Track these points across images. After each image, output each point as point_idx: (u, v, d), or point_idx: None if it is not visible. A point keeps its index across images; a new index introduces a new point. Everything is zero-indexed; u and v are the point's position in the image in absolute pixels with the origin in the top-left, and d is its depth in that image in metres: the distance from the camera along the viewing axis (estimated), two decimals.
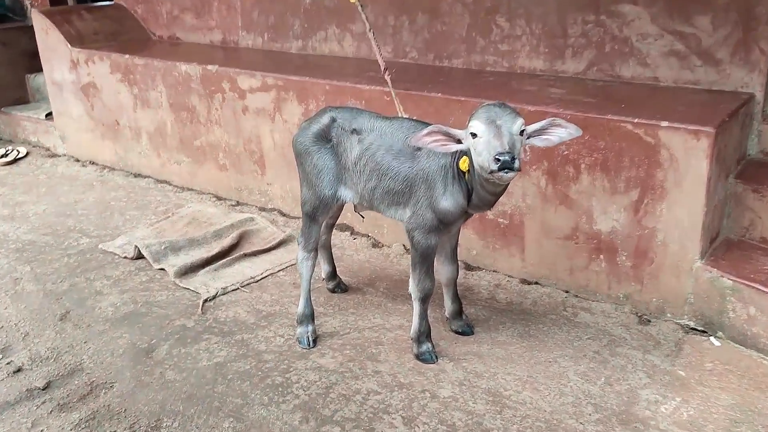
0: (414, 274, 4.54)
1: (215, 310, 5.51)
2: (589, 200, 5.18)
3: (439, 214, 4.27)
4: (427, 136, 3.93)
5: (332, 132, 4.65)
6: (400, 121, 4.51)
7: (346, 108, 4.77)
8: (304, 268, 5.02)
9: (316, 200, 4.75)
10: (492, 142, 3.69)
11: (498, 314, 5.28)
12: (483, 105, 3.93)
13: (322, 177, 4.68)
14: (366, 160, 4.49)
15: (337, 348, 4.93)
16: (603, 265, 5.27)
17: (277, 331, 5.17)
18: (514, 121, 3.78)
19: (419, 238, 4.38)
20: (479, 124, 3.79)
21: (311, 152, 4.70)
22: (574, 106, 5.22)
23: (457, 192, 4.22)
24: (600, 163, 5.05)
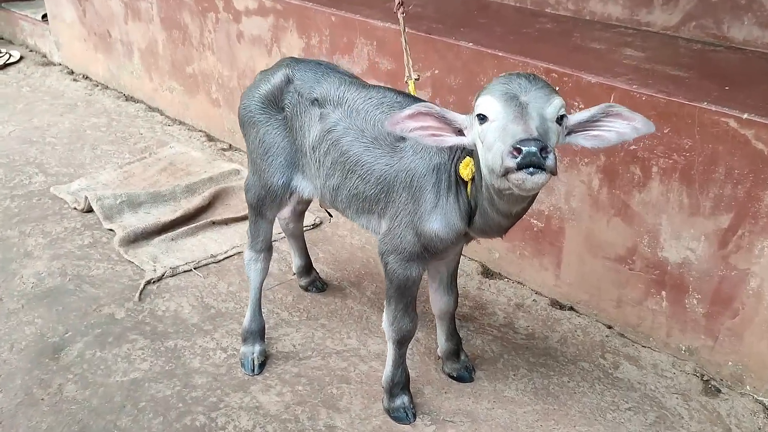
0: (388, 309, 3.24)
1: (156, 299, 4.35)
2: (658, 217, 3.71)
3: (423, 237, 2.92)
4: (410, 119, 2.54)
5: (286, 98, 3.29)
6: (382, 93, 3.10)
7: (311, 63, 3.36)
8: (251, 272, 3.77)
9: (261, 190, 3.45)
10: (510, 126, 2.31)
11: (512, 352, 3.95)
12: (501, 75, 2.51)
13: (270, 160, 3.35)
14: (327, 146, 3.13)
15: (289, 380, 3.72)
16: (664, 304, 3.84)
17: (220, 341, 3.99)
18: (548, 100, 2.39)
19: (395, 266, 3.06)
20: (492, 100, 2.40)
21: (257, 123, 3.36)
22: (654, 80, 3.67)
23: (453, 209, 2.84)
24: (681, 169, 3.54)
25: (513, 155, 2.19)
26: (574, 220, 4.09)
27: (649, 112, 3.55)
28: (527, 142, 2.18)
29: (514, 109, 2.34)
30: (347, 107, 3.08)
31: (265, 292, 4.41)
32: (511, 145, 2.20)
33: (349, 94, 3.10)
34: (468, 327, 4.14)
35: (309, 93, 3.20)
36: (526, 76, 2.46)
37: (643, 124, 2.54)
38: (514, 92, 2.38)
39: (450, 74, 4.36)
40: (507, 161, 2.21)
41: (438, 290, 3.51)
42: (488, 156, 2.38)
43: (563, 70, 3.84)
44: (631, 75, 3.76)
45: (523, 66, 3.99)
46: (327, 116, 3.12)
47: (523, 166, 2.19)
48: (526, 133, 2.24)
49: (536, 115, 2.33)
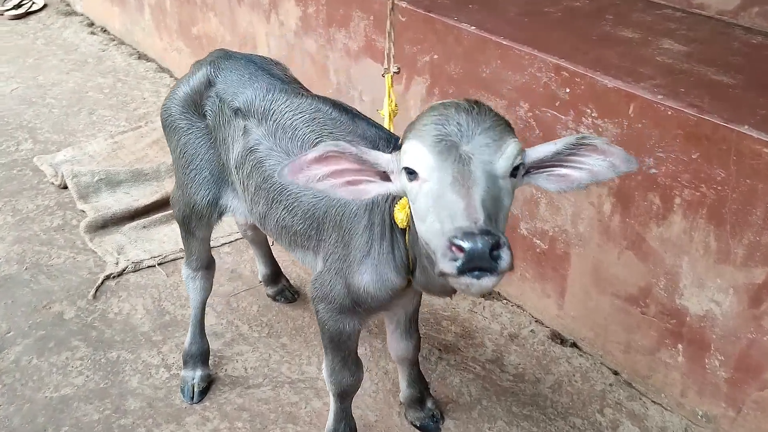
0: (326, 359, 2.72)
1: (111, 297, 3.96)
2: (678, 258, 3.01)
3: (352, 291, 2.35)
4: (317, 164, 1.92)
5: (206, 103, 2.73)
6: (315, 107, 2.50)
7: (240, 62, 2.77)
8: (189, 290, 3.31)
9: (185, 207, 2.93)
10: (448, 198, 1.69)
11: (493, 397, 3.38)
12: (436, 105, 1.88)
13: (193, 174, 2.82)
14: (250, 168, 2.57)
15: (229, 414, 3.27)
16: (680, 359, 3.17)
17: (166, 357, 3.57)
18: (498, 148, 1.77)
19: (325, 317, 2.52)
20: (423, 150, 1.79)
21: (177, 130, 2.82)
22: (688, 88, 2.93)
23: (386, 260, 2.27)
24: (709, 204, 2.82)
25: (452, 255, 1.58)
26: (580, 247, 3.42)
27: (674, 131, 2.83)
28: (471, 238, 1.56)
29: (453, 168, 1.73)
30: (273, 123, 2.50)
31: (228, 298, 3.96)
32: (449, 239, 1.58)
33: (276, 106, 2.51)
34: (448, 360, 3.58)
35: (231, 100, 2.63)
36: (468, 108, 1.81)
37: (622, 160, 1.91)
38: (452, 139, 1.76)
39: (450, 61, 3.69)
40: (443, 264, 1.60)
41: (394, 334, 2.95)
42: (422, 227, 1.79)
43: (576, 68, 3.12)
44: (660, 79, 3.02)
45: (529, 60, 3.28)
46: (250, 132, 2.55)
47: (465, 271, 1.58)
48: (470, 219, 1.62)
49: (483, 177, 1.72)
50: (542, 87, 3.28)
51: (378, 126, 2.46)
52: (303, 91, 2.65)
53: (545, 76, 3.25)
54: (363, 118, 2.48)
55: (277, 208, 2.51)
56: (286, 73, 2.77)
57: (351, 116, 2.46)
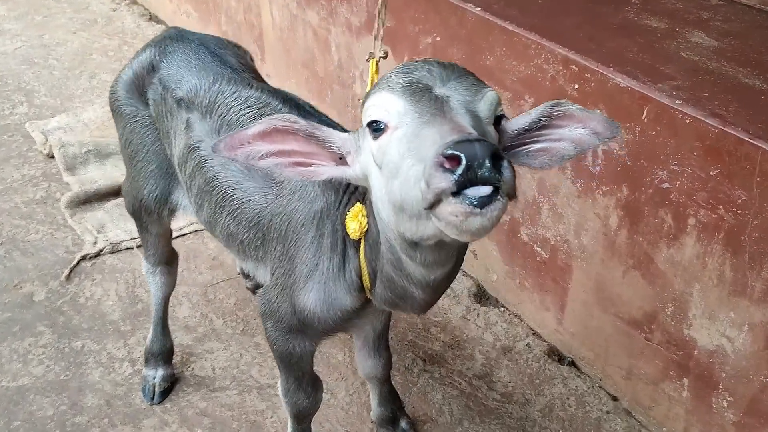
0: (281, 378, 2.47)
1: (85, 280, 3.75)
2: (689, 284, 2.67)
3: (298, 312, 2.08)
4: (261, 139, 1.65)
5: (149, 90, 2.44)
6: (264, 100, 2.22)
7: (190, 44, 2.48)
8: (151, 286, 3.07)
9: (134, 200, 2.68)
10: (427, 130, 1.44)
11: (476, 419, 3.10)
12: (400, 65, 1.62)
13: (139, 166, 2.56)
14: (192, 168, 2.29)
15: (190, 418, 3.05)
16: (685, 394, 2.85)
17: (132, 350, 3.36)
18: (477, 91, 1.56)
19: (273, 336, 2.26)
20: (391, 97, 1.54)
21: (123, 116, 2.56)
22: (712, 92, 2.55)
23: (336, 278, 1.99)
24: (727, 229, 2.47)
25: (445, 168, 1.28)
26: (583, 260, 3.08)
27: (692, 143, 2.47)
28: (465, 145, 1.27)
29: (429, 105, 1.48)
30: (217, 117, 2.20)
31: (206, 288, 3.73)
32: (439, 152, 1.29)
33: (222, 98, 2.22)
34: (432, 372, 3.29)
35: (175, 89, 2.34)
36: (439, 62, 1.58)
37: (603, 126, 1.69)
38: (424, 82, 1.52)
39: (453, 44, 3.33)
40: (436, 180, 1.29)
41: (362, 350, 2.68)
42: (394, 185, 1.48)
43: (586, 62, 2.75)
44: (682, 80, 2.63)
45: (536, 50, 2.91)
46: (192, 126, 2.26)
47: (464, 186, 1.28)
48: (460, 131, 1.35)
49: (466, 114, 1.47)
50: (549, 81, 2.92)
51: (331, 123, 2.17)
52: (255, 82, 2.34)
53: (552, 69, 2.88)
54: (314, 115, 2.19)
55: (221, 214, 2.23)
56: (241, 60, 2.46)
57: (301, 113, 2.17)
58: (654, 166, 2.61)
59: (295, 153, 1.67)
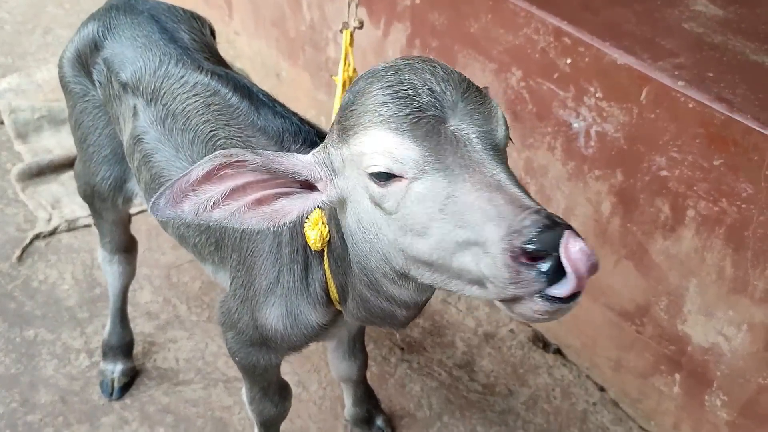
0: (245, 385, 2.27)
1: (38, 261, 3.49)
2: (685, 279, 2.48)
3: (260, 327, 1.87)
4: (209, 183, 1.39)
5: (94, 70, 2.16)
6: (213, 87, 1.98)
7: (140, 16, 2.19)
8: (107, 276, 2.84)
9: (86, 185, 2.44)
10: (471, 196, 1.25)
11: (456, 413, 2.94)
12: (378, 71, 1.39)
13: (90, 150, 2.31)
14: (139, 161, 2.05)
15: (151, 416, 2.87)
16: (676, 390, 2.70)
17: (90, 340, 3.15)
18: (490, 113, 1.37)
19: (234, 348, 2.06)
20: (396, 139, 1.31)
21: (72, 95, 2.31)
22: (718, 72, 2.32)
23: (299, 292, 1.79)
24: (729, 224, 2.27)
25: (522, 263, 1.15)
26: None
27: (695, 129, 2.24)
28: (548, 237, 1.14)
29: (452, 151, 1.29)
30: (162, 106, 1.95)
31: (169, 270, 3.49)
32: (515, 244, 1.16)
33: (168, 84, 1.95)
34: (411, 362, 3.12)
35: (119, 71, 2.07)
36: (426, 67, 1.36)
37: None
38: (433, 113, 1.30)
39: (434, 9, 3.04)
40: (524, 284, 1.16)
41: (336, 352, 2.49)
42: (419, 244, 1.33)
43: (580, 34, 2.49)
44: (684, 57, 2.39)
45: (525, 18, 2.64)
46: (138, 115, 2.00)
47: (554, 282, 1.16)
48: (526, 209, 1.20)
49: (495, 156, 1.32)
50: (539, 53, 2.66)
51: (286, 115, 1.92)
52: (206, 64, 2.05)
53: (543, 40, 2.62)
54: (268, 105, 1.94)
55: None
56: (195, 36, 2.17)
57: (254, 102, 1.92)
58: (652, 151, 2.39)
59: (251, 186, 1.42)
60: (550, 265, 1.12)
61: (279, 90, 4.46)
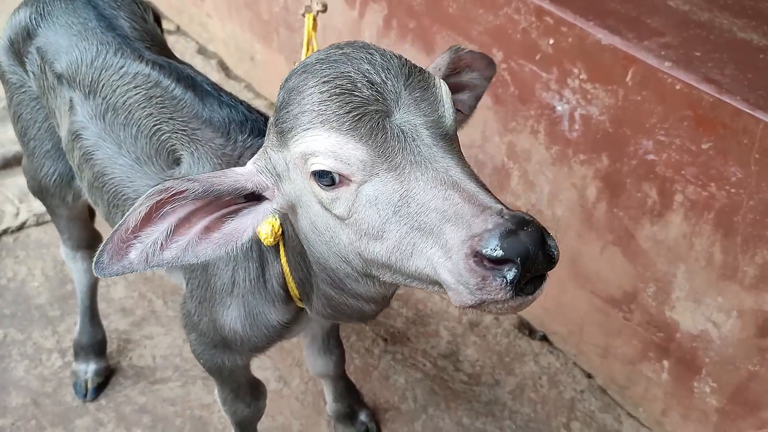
0: (216, 386, 2.20)
1: (6, 257, 3.38)
2: (673, 265, 2.42)
3: (219, 328, 1.79)
4: (143, 229, 1.29)
5: (27, 60, 2.05)
6: (155, 78, 1.88)
7: (77, 1, 2.05)
8: (73, 273, 2.74)
9: (33, 180, 2.34)
10: (425, 196, 1.19)
11: (441, 404, 2.87)
12: (310, 64, 1.31)
13: (32, 144, 2.21)
14: (79, 159, 1.96)
15: (128, 416, 2.78)
16: (664, 376, 2.65)
17: (62, 338, 3.05)
18: (435, 98, 1.29)
19: (198, 350, 1.99)
20: (338, 139, 1.23)
21: (9, 85, 2.22)
22: (706, 51, 2.23)
23: (257, 291, 1.73)
24: (718, 209, 2.20)
25: (491, 273, 1.10)
26: (557, 232, 2.81)
27: (682, 112, 2.17)
28: (517, 237, 1.08)
29: (399, 147, 1.21)
30: (102, 100, 1.84)
31: None
32: (475, 248, 1.10)
33: (106, 77, 1.85)
34: (394, 353, 3.04)
35: (53, 61, 1.95)
36: (362, 55, 1.28)
37: (485, 65, 1.65)
38: (376, 108, 1.22)
39: None
40: (490, 290, 1.10)
41: (311, 348, 2.41)
42: (375, 247, 1.27)
43: (562, 14, 2.40)
44: (671, 36, 2.30)
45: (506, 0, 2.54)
46: (75, 109, 1.89)
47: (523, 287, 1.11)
48: (486, 211, 1.14)
49: (446, 147, 1.25)
50: (520, 33, 2.56)
51: (232, 104, 1.83)
52: (147, 53, 1.93)
53: (524, 20, 2.53)
54: (213, 95, 1.84)
55: (116, 213, 1.90)
56: (137, 24, 2.03)
57: (198, 93, 1.82)
58: (638, 135, 2.32)
59: (195, 214, 1.33)
60: (515, 273, 1.07)
61: (254, 73, 4.33)
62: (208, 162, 1.71)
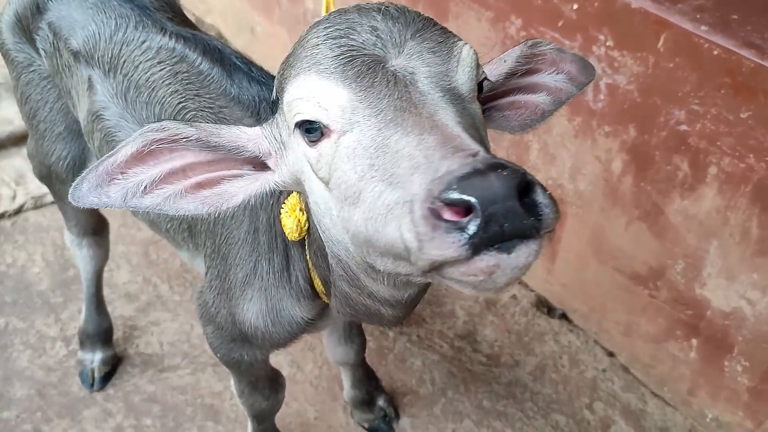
0: (233, 378, 2.10)
1: (4, 243, 3.27)
2: (705, 240, 2.32)
3: (239, 323, 1.68)
4: (131, 166, 1.19)
5: (37, 36, 1.90)
6: (180, 52, 1.74)
7: None
8: (78, 260, 2.62)
9: (41, 165, 2.20)
10: (402, 143, 1.00)
11: (461, 387, 2.79)
12: (323, 18, 1.19)
13: (42, 127, 2.07)
14: (99, 141, 1.84)
15: (137, 406, 2.69)
16: (693, 355, 2.56)
17: (66, 326, 2.95)
18: (450, 53, 1.13)
19: (215, 343, 1.89)
20: (322, 83, 1.10)
21: (15, 64, 2.08)
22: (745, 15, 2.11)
23: (280, 285, 1.62)
24: (756, 182, 2.09)
25: (447, 225, 0.89)
26: (579, 207, 2.70)
27: (719, 79, 2.04)
28: (476, 182, 0.87)
29: (388, 93, 1.05)
30: (123, 77, 1.71)
31: (147, 247, 3.27)
32: (434, 194, 0.90)
33: (128, 52, 1.71)
34: (410, 335, 2.95)
35: (68, 37, 1.81)
36: (383, 8, 1.14)
37: (577, 68, 1.39)
38: (371, 52, 1.09)
39: None
40: (435, 245, 0.90)
41: (331, 337, 2.31)
42: (354, 215, 1.08)
43: None
44: None
45: None
46: (95, 87, 1.76)
47: (484, 246, 0.88)
48: (458, 154, 0.94)
49: (445, 98, 1.07)
50: None
51: (264, 81, 1.71)
52: (170, 24, 1.79)
53: None
54: (243, 70, 1.71)
55: None
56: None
57: (227, 68, 1.69)
58: (670, 104, 2.19)
59: (193, 168, 1.23)
60: (476, 225, 0.86)
61: (254, 47, 4.18)
62: None
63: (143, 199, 1.18)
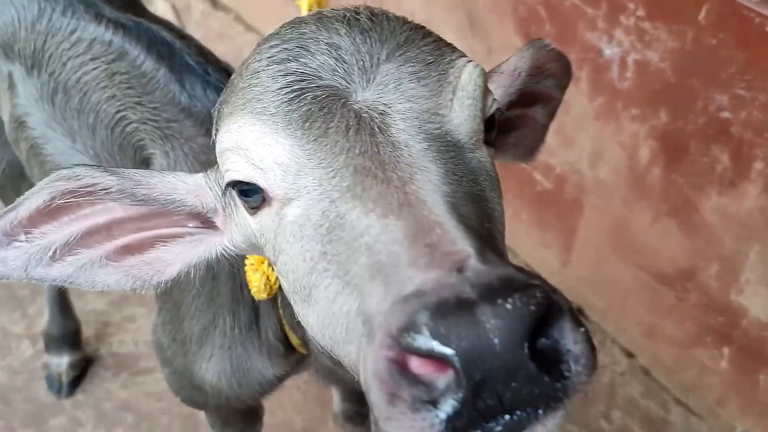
0: None
1: None
2: (745, 243, 2.03)
3: (198, 383, 1.42)
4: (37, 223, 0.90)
5: None
6: (119, 46, 1.38)
7: None
8: None
9: None
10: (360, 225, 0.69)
11: None
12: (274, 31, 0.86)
13: None
14: (25, 151, 1.54)
15: (108, 413, 2.49)
16: (723, 364, 2.30)
17: (33, 322, 2.74)
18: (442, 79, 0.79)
19: (174, 385, 1.65)
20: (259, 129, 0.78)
21: None
22: None
23: (247, 338, 1.35)
24: None
25: (409, 390, 0.59)
26: (598, 197, 2.39)
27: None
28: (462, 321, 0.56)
29: (346, 145, 0.75)
30: (48, 76, 1.41)
31: None
32: (391, 331, 0.59)
33: (54, 44, 1.41)
34: None
35: None
36: (351, 16, 0.83)
37: (562, 68, 1.22)
38: (325, 82, 0.78)
39: None
40: (396, 427, 0.60)
41: None
42: (307, 311, 0.81)
43: None
44: None
45: None
46: (16, 87, 1.45)
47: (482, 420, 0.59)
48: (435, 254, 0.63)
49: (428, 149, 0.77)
50: None
51: (223, 87, 1.37)
52: (108, 9, 1.46)
53: None
54: (197, 72, 1.38)
55: None
56: None
57: (176, 69, 1.37)
58: (710, 87, 1.87)
59: (121, 225, 0.95)
60: (456, 400, 0.58)
61: (244, 1, 3.83)
62: (186, 166, 1.30)
63: (50, 268, 0.92)
